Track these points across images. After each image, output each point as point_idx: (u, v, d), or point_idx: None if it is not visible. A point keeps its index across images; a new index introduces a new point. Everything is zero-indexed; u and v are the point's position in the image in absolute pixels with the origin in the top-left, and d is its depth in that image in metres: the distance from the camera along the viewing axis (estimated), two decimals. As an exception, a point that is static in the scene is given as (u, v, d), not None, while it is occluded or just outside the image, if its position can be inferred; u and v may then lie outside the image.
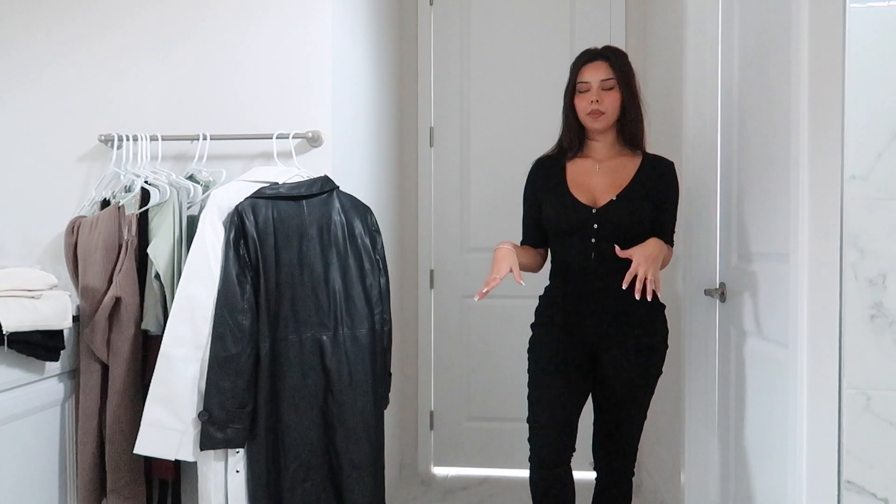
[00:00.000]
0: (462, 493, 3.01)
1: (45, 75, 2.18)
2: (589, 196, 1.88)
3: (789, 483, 1.45)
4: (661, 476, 2.68)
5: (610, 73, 1.84)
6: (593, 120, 1.86)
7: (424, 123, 3.23)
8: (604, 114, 1.85)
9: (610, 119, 1.86)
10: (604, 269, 1.84)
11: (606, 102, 1.84)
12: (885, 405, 1.30)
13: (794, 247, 1.40)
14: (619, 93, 1.85)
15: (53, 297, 1.75)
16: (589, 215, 1.84)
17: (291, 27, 2.09)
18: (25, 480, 1.71)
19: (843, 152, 1.30)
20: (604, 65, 1.85)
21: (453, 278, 3.22)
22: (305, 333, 1.78)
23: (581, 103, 1.87)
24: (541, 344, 1.92)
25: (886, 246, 1.29)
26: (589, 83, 1.85)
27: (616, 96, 1.85)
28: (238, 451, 1.74)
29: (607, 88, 1.85)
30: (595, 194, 1.88)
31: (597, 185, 1.88)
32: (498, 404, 3.16)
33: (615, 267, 1.77)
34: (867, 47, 1.29)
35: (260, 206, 1.78)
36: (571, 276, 1.89)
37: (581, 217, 1.85)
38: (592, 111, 1.84)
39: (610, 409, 1.93)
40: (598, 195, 1.87)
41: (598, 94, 1.84)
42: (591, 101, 1.84)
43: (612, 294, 1.82)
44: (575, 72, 1.90)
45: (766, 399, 1.69)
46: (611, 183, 1.88)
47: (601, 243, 1.83)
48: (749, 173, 1.84)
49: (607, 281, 1.82)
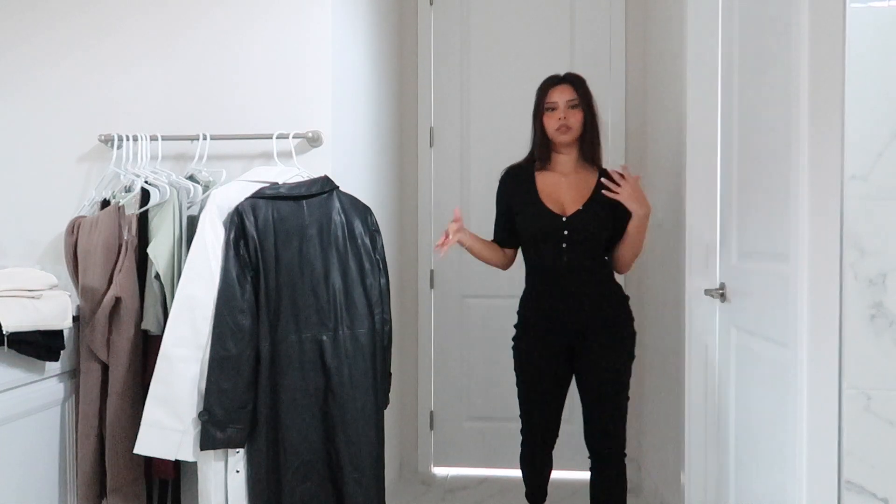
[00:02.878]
0: (462, 493, 3.01)
1: (45, 75, 2.18)
2: (558, 206, 2.13)
3: (789, 483, 1.45)
4: (661, 476, 2.68)
5: (574, 94, 2.12)
6: (561, 134, 2.11)
7: (424, 123, 3.23)
8: (570, 129, 2.11)
9: (575, 134, 2.12)
10: (574, 270, 2.10)
11: (572, 120, 2.11)
12: (885, 405, 1.30)
13: (794, 247, 1.40)
14: (582, 112, 2.12)
15: (53, 297, 1.75)
16: (560, 223, 2.09)
17: (291, 27, 2.10)
18: (25, 480, 1.71)
19: (843, 152, 1.30)
20: (569, 87, 2.13)
21: (453, 278, 3.22)
22: (305, 333, 1.78)
23: (549, 121, 2.13)
24: (523, 345, 2.18)
25: (886, 246, 1.29)
26: (556, 103, 2.12)
27: (580, 115, 2.12)
28: (238, 451, 1.74)
29: (572, 107, 2.11)
30: (563, 204, 2.12)
31: (564, 196, 2.13)
32: (498, 404, 3.16)
33: (585, 268, 2.09)
34: (867, 47, 1.29)
35: (260, 206, 1.78)
36: (546, 278, 2.14)
37: (553, 225, 2.09)
38: (560, 126, 2.10)
39: (593, 396, 2.13)
40: (566, 205, 2.12)
41: (564, 112, 2.11)
42: (559, 117, 2.10)
43: (583, 293, 2.09)
44: (542, 94, 2.15)
45: (765, 399, 1.69)
46: (576, 194, 2.13)
47: (571, 248, 2.09)
48: (749, 173, 1.84)
49: (578, 281, 2.09)
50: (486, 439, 3.19)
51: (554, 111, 2.12)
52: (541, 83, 2.18)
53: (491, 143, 3.20)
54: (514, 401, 2.57)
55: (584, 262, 2.09)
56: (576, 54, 3.14)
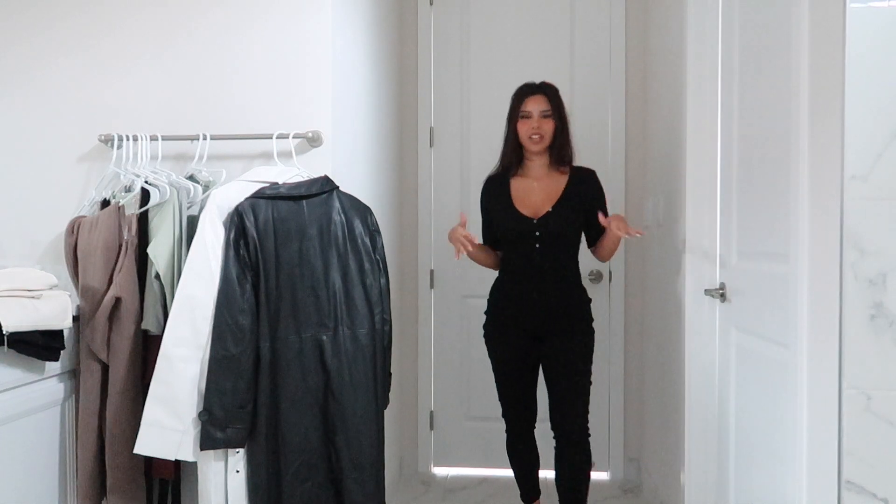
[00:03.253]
0: (462, 492, 3.01)
1: (45, 75, 2.18)
2: (530, 209, 2.27)
3: (789, 483, 1.45)
4: (661, 476, 2.68)
5: (547, 105, 2.25)
6: (534, 143, 2.25)
7: (424, 123, 3.23)
8: (543, 138, 2.25)
9: (546, 142, 2.26)
10: (544, 270, 2.24)
11: (545, 129, 2.24)
12: (885, 405, 1.30)
13: (794, 247, 1.40)
14: (554, 122, 2.25)
15: (53, 297, 1.75)
16: (531, 225, 2.24)
17: (291, 27, 2.09)
18: (25, 480, 1.71)
19: (843, 152, 1.30)
20: (543, 98, 2.26)
21: (453, 278, 3.22)
22: (305, 333, 1.78)
23: (523, 128, 2.26)
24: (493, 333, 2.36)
25: (886, 246, 1.29)
26: (531, 112, 2.25)
27: (552, 124, 2.25)
28: (238, 450, 1.74)
29: (545, 117, 2.25)
30: (535, 207, 2.27)
31: (536, 200, 2.28)
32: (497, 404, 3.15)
33: (554, 268, 2.24)
34: (867, 47, 1.29)
35: (260, 206, 1.78)
36: (518, 275, 2.29)
37: (525, 227, 2.24)
38: (533, 135, 2.24)
39: (558, 382, 2.27)
40: (537, 208, 2.27)
41: (538, 121, 2.24)
42: (533, 127, 2.24)
43: (550, 291, 2.24)
44: (518, 101, 2.28)
45: (766, 399, 1.69)
46: (546, 197, 2.28)
47: (543, 248, 2.24)
48: (749, 173, 1.84)
49: (546, 280, 2.24)
50: (486, 439, 3.19)
51: (528, 119, 2.25)
52: (516, 90, 2.31)
53: (491, 144, 3.17)
54: (513, 401, 2.57)
55: (554, 262, 2.24)
56: (576, 54, 3.14)
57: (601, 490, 3.00)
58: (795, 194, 1.40)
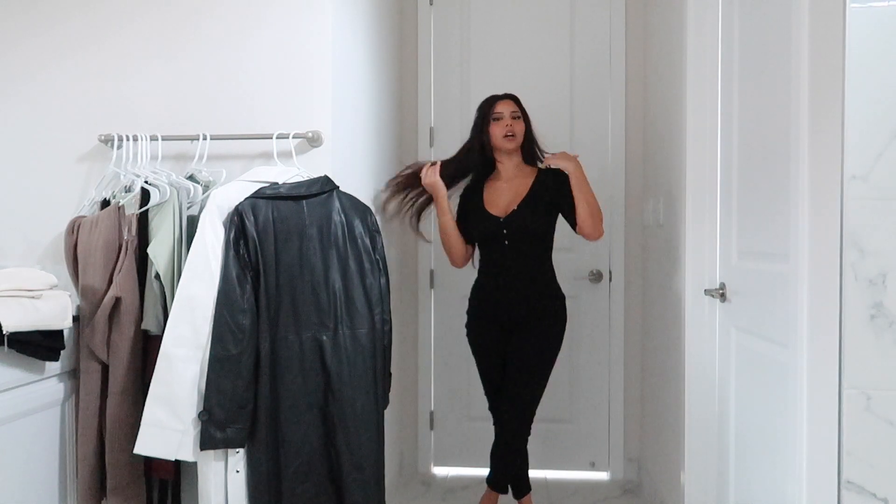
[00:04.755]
0: (462, 493, 3.01)
1: (45, 75, 2.18)
2: (499, 209, 2.42)
3: (789, 483, 1.45)
4: (661, 476, 2.68)
5: (516, 107, 2.45)
6: (508, 142, 2.41)
7: (424, 123, 3.23)
8: (515, 136, 2.42)
9: (519, 141, 2.43)
10: (514, 266, 2.37)
11: (517, 128, 2.42)
12: (885, 405, 1.30)
13: (794, 247, 1.40)
14: (524, 123, 2.45)
15: (53, 297, 1.75)
16: (498, 223, 2.39)
17: (292, 27, 2.09)
18: (25, 480, 1.71)
19: (843, 152, 1.30)
20: (511, 102, 2.45)
21: (453, 278, 3.22)
22: (305, 333, 1.78)
23: (497, 130, 2.42)
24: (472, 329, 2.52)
25: (886, 246, 1.29)
26: (502, 113, 2.42)
27: (522, 125, 2.44)
28: (238, 451, 1.74)
29: (515, 118, 2.43)
30: (503, 207, 2.42)
31: (504, 200, 2.43)
32: (498, 404, 3.16)
33: (524, 264, 2.37)
34: (867, 47, 1.29)
35: (260, 206, 1.78)
36: (491, 274, 2.43)
37: (493, 225, 2.39)
38: (507, 134, 2.40)
39: (515, 379, 2.39)
40: (505, 207, 2.41)
41: (510, 121, 2.42)
42: (507, 125, 2.41)
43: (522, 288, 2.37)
44: (489, 107, 2.45)
45: (766, 399, 1.69)
46: (514, 196, 2.42)
47: (512, 245, 2.37)
48: (749, 173, 1.84)
49: (518, 278, 2.37)
50: (486, 439, 3.17)
51: (500, 120, 2.42)
52: (483, 101, 2.48)
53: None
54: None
55: (523, 259, 2.37)
56: (576, 54, 3.14)
57: (601, 490, 3.00)
58: (795, 194, 1.40)
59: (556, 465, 3.16)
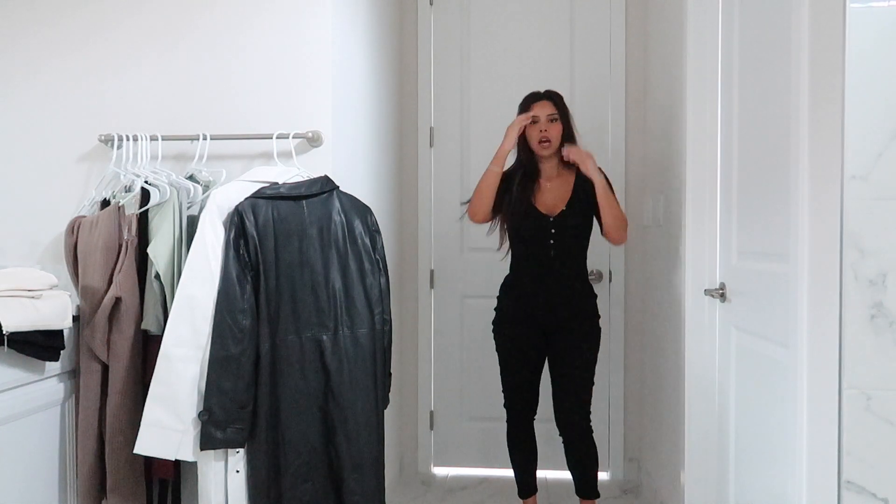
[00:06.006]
0: (462, 493, 3.01)
1: (45, 75, 2.18)
2: (547, 208, 2.36)
3: (789, 483, 1.45)
4: (661, 476, 2.68)
5: (553, 109, 2.34)
6: (543, 148, 2.33)
7: (424, 123, 3.23)
8: (550, 142, 2.33)
9: (555, 146, 2.34)
10: (557, 267, 2.33)
11: (552, 132, 2.32)
12: (885, 405, 1.30)
13: (794, 247, 1.40)
14: (561, 125, 2.34)
15: (53, 297, 1.75)
16: (548, 222, 2.33)
17: (291, 27, 2.09)
18: (25, 480, 1.71)
19: (843, 152, 1.30)
20: (549, 103, 2.35)
21: (453, 278, 3.22)
22: (305, 333, 1.78)
23: (532, 133, 2.34)
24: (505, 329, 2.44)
25: (886, 246, 1.29)
26: (538, 116, 2.33)
27: (559, 127, 2.34)
28: (238, 451, 1.74)
29: (552, 121, 2.33)
30: (550, 206, 2.36)
31: (550, 200, 2.37)
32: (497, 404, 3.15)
33: (566, 264, 2.34)
34: (867, 47, 1.29)
35: (260, 206, 1.78)
36: (532, 273, 2.36)
37: (542, 223, 2.34)
38: (542, 139, 2.32)
39: (564, 378, 2.36)
40: (552, 207, 2.36)
41: (545, 125, 2.33)
42: (541, 131, 2.32)
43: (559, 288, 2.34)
44: (525, 108, 2.36)
45: (766, 399, 1.69)
46: (559, 197, 2.37)
47: (557, 244, 2.33)
48: (749, 173, 1.84)
49: (556, 277, 2.33)
50: (486, 439, 3.19)
51: (535, 124, 2.33)
52: (522, 99, 2.39)
53: (491, 143, 3.15)
54: (514, 401, 2.56)
55: (566, 260, 2.34)
56: (576, 54, 3.14)
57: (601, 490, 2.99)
58: (795, 194, 1.40)
59: (557, 465, 3.15)
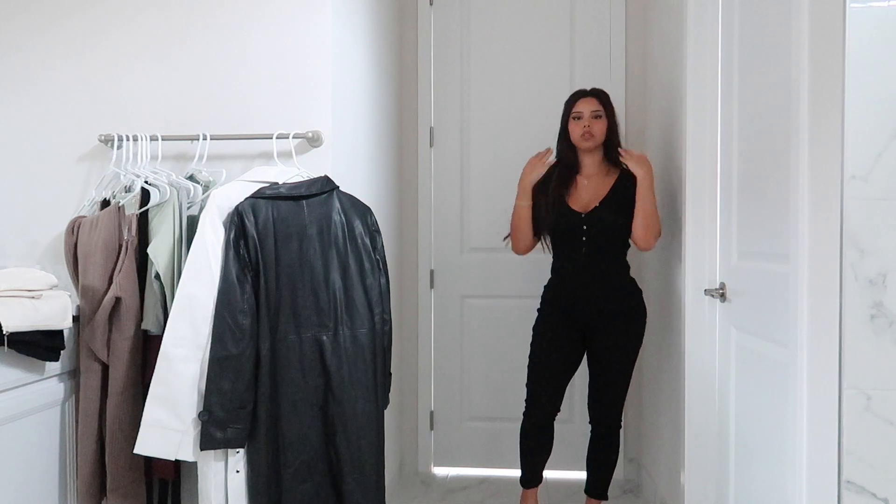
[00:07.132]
0: (462, 493, 3.01)
1: (45, 75, 2.18)
2: (580, 205, 2.38)
3: (789, 483, 1.45)
4: (661, 476, 2.68)
5: (599, 106, 2.38)
6: (585, 141, 2.37)
7: (424, 123, 3.23)
8: (593, 136, 2.36)
9: (598, 140, 2.38)
10: (591, 264, 2.35)
11: (595, 128, 2.36)
12: (885, 405, 1.30)
13: (794, 247, 1.40)
14: (606, 121, 2.38)
15: (53, 297, 1.75)
16: (579, 219, 2.35)
17: (291, 27, 2.09)
18: (25, 480, 1.71)
19: (843, 152, 1.30)
20: (594, 100, 2.39)
21: (453, 278, 3.22)
22: (305, 333, 1.78)
23: (575, 128, 2.39)
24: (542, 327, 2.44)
25: (886, 246, 1.29)
26: (582, 112, 2.38)
27: (603, 124, 2.38)
28: (238, 451, 1.74)
29: (596, 117, 2.37)
30: (584, 203, 2.38)
31: (585, 196, 2.40)
32: (497, 404, 3.16)
33: (601, 261, 2.35)
34: (867, 47, 1.29)
35: (260, 206, 1.78)
36: (566, 270, 2.40)
37: (573, 220, 2.36)
38: (584, 133, 2.36)
39: (601, 377, 2.42)
40: (586, 203, 2.38)
41: (589, 121, 2.37)
42: (584, 126, 2.36)
43: (598, 284, 2.35)
44: (570, 104, 2.42)
45: (766, 399, 1.69)
46: (595, 194, 2.39)
47: (590, 241, 2.35)
48: (749, 173, 1.84)
49: (594, 273, 2.35)
50: (486, 439, 3.19)
51: (579, 120, 2.38)
52: (570, 95, 2.45)
53: (491, 143, 3.20)
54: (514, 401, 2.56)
55: (600, 255, 2.35)
56: (576, 54, 3.14)
57: (601, 490, 3.00)
58: (795, 194, 1.40)
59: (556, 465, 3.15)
